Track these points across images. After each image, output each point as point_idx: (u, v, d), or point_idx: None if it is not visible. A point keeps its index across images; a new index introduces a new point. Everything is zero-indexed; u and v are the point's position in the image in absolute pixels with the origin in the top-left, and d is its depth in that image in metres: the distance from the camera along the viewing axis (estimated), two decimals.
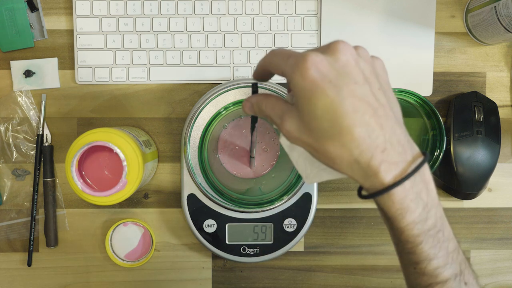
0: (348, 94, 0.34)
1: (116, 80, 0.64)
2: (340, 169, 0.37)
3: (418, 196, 0.37)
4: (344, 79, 0.35)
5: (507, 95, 0.66)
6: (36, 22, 0.64)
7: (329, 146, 0.36)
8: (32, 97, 0.64)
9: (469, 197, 0.64)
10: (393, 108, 0.38)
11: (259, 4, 0.64)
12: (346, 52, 0.36)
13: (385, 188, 0.36)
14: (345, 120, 0.34)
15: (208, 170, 0.61)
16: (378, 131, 0.35)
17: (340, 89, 0.34)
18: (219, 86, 0.60)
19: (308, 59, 0.35)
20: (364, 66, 0.37)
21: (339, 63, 0.35)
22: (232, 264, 0.66)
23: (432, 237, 0.38)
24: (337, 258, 0.66)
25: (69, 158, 0.53)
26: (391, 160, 0.35)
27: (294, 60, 0.36)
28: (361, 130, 0.35)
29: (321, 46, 0.37)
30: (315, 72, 0.35)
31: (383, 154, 0.35)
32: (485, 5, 0.60)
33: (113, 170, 0.56)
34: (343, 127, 0.34)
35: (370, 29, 0.64)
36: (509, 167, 0.67)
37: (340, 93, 0.34)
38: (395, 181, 0.36)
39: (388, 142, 0.35)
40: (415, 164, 0.37)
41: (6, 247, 0.65)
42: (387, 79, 0.39)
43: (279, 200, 0.59)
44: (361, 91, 0.35)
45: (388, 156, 0.35)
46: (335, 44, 0.36)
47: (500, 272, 0.67)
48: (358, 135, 0.35)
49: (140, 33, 0.64)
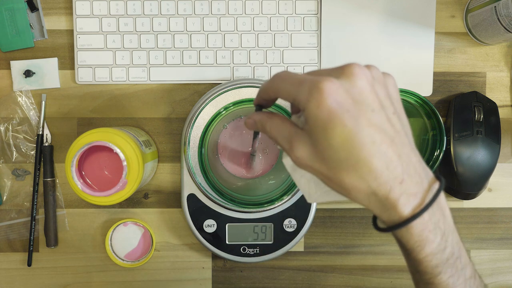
0: (365, 123, 0.33)
1: (116, 80, 0.64)
2: (356, 200, 0.36)
3: (436, 226, 0.36)
4: (361, 107, 0.34)
5: (507, 95, 0.66)
6: (36, 22, 0.64)
7: (345, 177, 0.34)
8: (32, 97, 0.64)
9: (469, 197, 0.64)
10: (407, 132, 0.37)
11: (259, 4, 0.64)
12: (362, 77, 0.34)
13: (404, 221, 0.35)
14: (363, 151, 0.33)
15: (208, 170, 0.61)
16: (396, 161, 0.34)
17: (357, 118, 0.33)
18: (219, 86, 0.60)
19: (324, 88, 0.33)
20: (379, 90, 0.35)
21: (355, 89, 0.34)
22: (232, 264, 0.66)
23: (451, 266, 0.38)
24: (337, 258, 0.66)
25: (69, 158, 0.53)
26: (409, 192, 0.35)
27: (308, 88, 0.34)
28: (379, 161, 0.34)
29: (334, 69, 0.36)
30: (332, 102, 0.33)
31: (402, 186, 0.34)
32: (485, 5, 0.60)
33: (113, 170, 0.56)
34: (360, 159, 0.33)
35: (370, 29, 0.64)
36: (509, 167, 0.67)
37: (358, 123, 0.33)
38: (414, 213, 0.35)
39: (405, 172, 0.34)
40: (432, 192, 0.36)
41: (6, 247, 0.65)
42: (399, 98, 0.38)
43: (279, 200, 0.59)
44: (377, 119, 0.34)
45: (407, 188, 0.35)
46: (350, 68, 0.35)
47: (500, 272, 0.67)
48: (376, 167, 0.34)
49: (140, 33, 0.64)
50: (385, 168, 0.34)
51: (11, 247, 0.65)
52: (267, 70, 0.64)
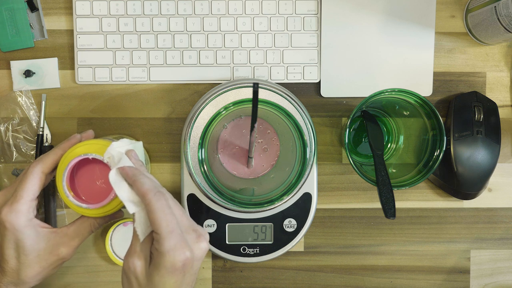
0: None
1: (116, 80, 0.64)
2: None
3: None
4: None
5: (507, 95, 0.66)
6: (36, 22, 0.64)
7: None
8: (32, 97, 0.64)
9: (469, 197, 0.64)
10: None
11: (259, 4, 0.64)
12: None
13: None
14: None
15: (208, 170, 0.61)
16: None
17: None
18: (219, 86, 0.60)
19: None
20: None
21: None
22: (232, 264, 0.66)
23: None
24: (337, 258, 0.66)
25: (60, 173, 0.51)
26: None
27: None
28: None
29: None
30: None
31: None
32: (485, 5, 0.60)
33: (107, 181, 0.53)
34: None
35: (370, 29, 0.64)
36: (509, 167, 0.67)
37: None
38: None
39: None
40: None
41: None
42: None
43: (279, 200, 0.59)
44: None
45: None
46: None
47: (500, 272, 0.67)
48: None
49: (140, 33, 0.64)
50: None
51: None
52: (267, 70, 0.64)
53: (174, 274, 0.44)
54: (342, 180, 0.66)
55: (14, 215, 0.48)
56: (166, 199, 0.46)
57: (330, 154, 0.66)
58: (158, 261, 0.44)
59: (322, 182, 0.66)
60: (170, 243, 0.44)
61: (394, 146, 0.65)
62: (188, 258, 0.44)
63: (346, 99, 0.66)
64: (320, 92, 0.65)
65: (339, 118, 0.66)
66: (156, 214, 0.44)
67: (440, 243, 0.67)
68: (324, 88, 0.65)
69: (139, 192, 0.46)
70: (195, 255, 0.45)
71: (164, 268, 0.44)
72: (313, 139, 0.59)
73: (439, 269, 0.67)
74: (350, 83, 0.65)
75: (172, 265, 0.44)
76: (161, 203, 0.45)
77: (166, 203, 0.45)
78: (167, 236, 0.44)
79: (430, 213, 0.66)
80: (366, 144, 0.65)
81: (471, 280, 0.67)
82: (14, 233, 0.49)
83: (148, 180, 0.47)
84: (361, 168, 0.61)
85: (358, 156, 0.65)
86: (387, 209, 0.56)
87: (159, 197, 0.45)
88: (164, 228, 0.44)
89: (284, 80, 0.64)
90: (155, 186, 0.47)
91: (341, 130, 0.65)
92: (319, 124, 0.65)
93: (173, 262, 0.44)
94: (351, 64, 0.64)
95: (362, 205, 0.66)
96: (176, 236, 0.44)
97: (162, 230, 0.44)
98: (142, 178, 0.47)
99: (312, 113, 0.65)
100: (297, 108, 0.59)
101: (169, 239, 0.44)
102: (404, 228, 0.66)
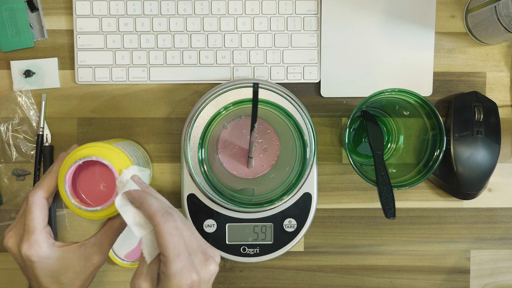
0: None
1: (116, 80, 0.64)
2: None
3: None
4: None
5: (507, 95, 0.66)
6: (36, 22, 0.64)
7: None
8: (32, 97, 0.64)
9: (469, 197, 0.64)
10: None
11: (259, 4, 0.64)
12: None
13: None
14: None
15: (208, 170, 0.61)
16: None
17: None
18: (219, 86, 0.60)
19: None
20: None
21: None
22: (232, 264, 0.66)
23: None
24: (337, 258, 0.66)
25: (62, 175, 0.51)
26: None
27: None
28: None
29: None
30: None
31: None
32: (485, 5, 0.60)
33: (109, 184, 0.53)
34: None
35: (370, 29, 0.64)
36: (509, 167, 0.67)
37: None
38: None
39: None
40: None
41: None
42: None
43: (279, 200, 0.59)
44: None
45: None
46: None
47: (500, 272, 0.67)
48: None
49: (140, 33, 0.64)
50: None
51: None
52: (267, 70, 0.64)
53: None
54: (342, 180, 0.66)
55: (35, 248, 0.49)
56: (174, 220, 0.45)
57: (330, 154, 0.66)
58: (164, 284, 0.44)
59: (322, 182, 0.66)
60: (176, 266, 0.43)
61: (394, 146, 0.65)
62: (194, 281, 0.44)
63: (346, 99, 0.66)
64: (320, 92, 0.65)
65: (339, 118, 0.66)
66: (164, 237, 0.44)
67: (440, 243, 0.67)
68: (324, 88, 0.65)
69: (146, 214, 0.46)
70: (202, 278, 0.45)
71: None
72: (313, 139, 0.59)
73: (439, 269, 0.67)
74: (350, 83, 0.65)
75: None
76: (168, 225, 0.44)
77: (174, 224, 0.45)
78: (174, 259, 0.43)
79: (430, 213, 0.66)
80: (366, 144, 0.65)
81: (471, 280, 0.67)
82: (43, 263, 0.49)
83: (155, 201, 0.46)
84: (361, 168, 0.61)
85: (358, 156, 0.65)
86: (387, 209, 0.56)
87: (167, 219, 0.45)
88: (171, 251, 0.44)
89: (284, 80, 0.64)
90: (163, 207, 0.46)
91: (341, 130, 0.65)
92: (319, 124, 0.65)
93: (179, 285, 0.43)
94: (351, 64, 0.64)
95: (362, 205, 0.66)
96: (183, 259, 0.44)
97: (169, 253, 0.44)
98: (150, 200, 0.46)
99: (312, 113, 0.65)
100: (297, 108, 0.59)
101: (175, 262, 0.43)
102: (404, 228, 0.66)
